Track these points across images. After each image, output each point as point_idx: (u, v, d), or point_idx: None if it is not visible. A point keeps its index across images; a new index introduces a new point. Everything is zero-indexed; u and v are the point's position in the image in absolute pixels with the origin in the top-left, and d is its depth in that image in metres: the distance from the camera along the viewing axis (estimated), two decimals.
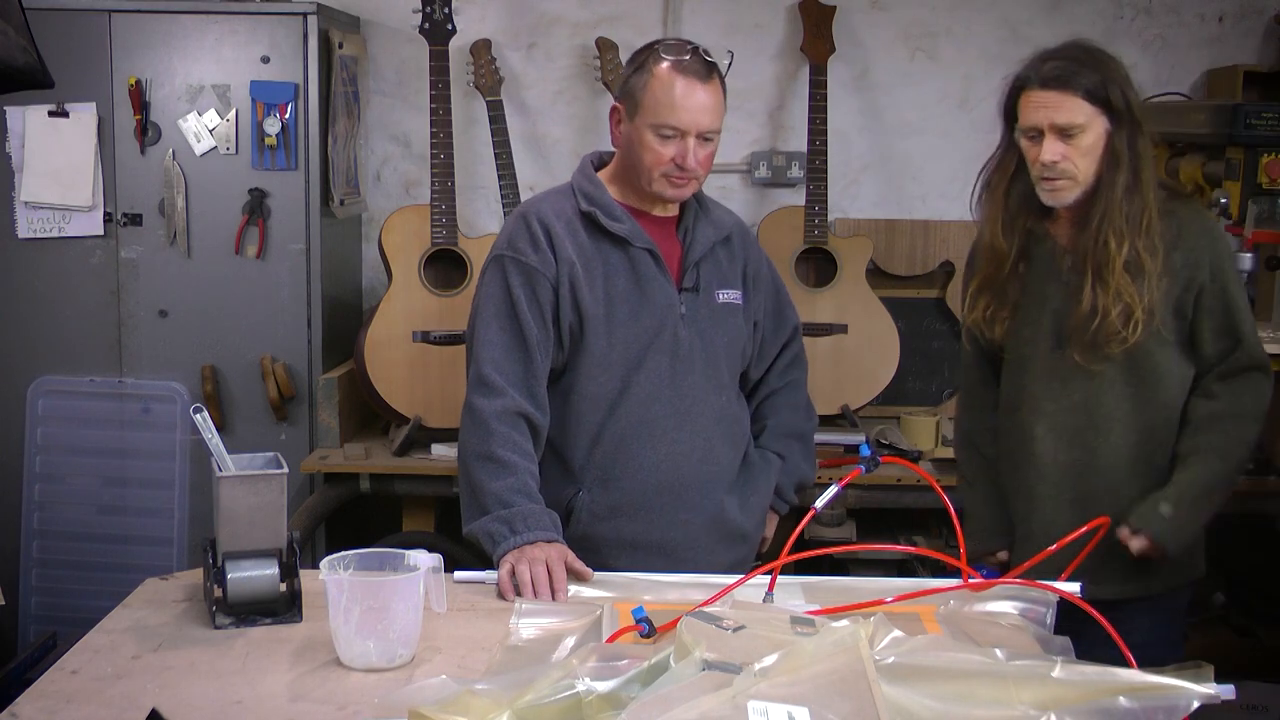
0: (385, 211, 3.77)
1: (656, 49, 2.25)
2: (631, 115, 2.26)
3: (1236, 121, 2.99)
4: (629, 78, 2.28)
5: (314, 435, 3.51)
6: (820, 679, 1.41)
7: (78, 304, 3.51)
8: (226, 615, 1.90)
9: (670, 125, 2.21)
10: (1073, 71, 2.23)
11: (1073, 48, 2.29)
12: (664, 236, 2.35)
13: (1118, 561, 2.28)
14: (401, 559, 1.83)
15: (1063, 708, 1.44)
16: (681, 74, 2.21)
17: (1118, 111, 2.24)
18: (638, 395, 2.29)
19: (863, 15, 3.79)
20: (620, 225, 2.30)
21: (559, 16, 3.81)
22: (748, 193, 3.87)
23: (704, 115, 2.22)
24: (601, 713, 1.45)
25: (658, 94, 2.22)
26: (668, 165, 2.24)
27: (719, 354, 2.36)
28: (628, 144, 2.28)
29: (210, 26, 3.43)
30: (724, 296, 2.37)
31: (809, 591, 1.96)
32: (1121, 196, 2.25)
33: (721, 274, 2.39)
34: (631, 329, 2.29)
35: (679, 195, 2.29)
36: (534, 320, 2.26)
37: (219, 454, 1.96)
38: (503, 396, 2.23)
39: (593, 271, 2.28)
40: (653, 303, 2.30)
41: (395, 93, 3.86)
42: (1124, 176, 2.24)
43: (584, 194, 2.32)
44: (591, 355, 2.28)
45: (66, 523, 3.58)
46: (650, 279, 2.30)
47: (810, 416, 2.56)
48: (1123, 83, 2.26)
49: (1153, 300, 2.27)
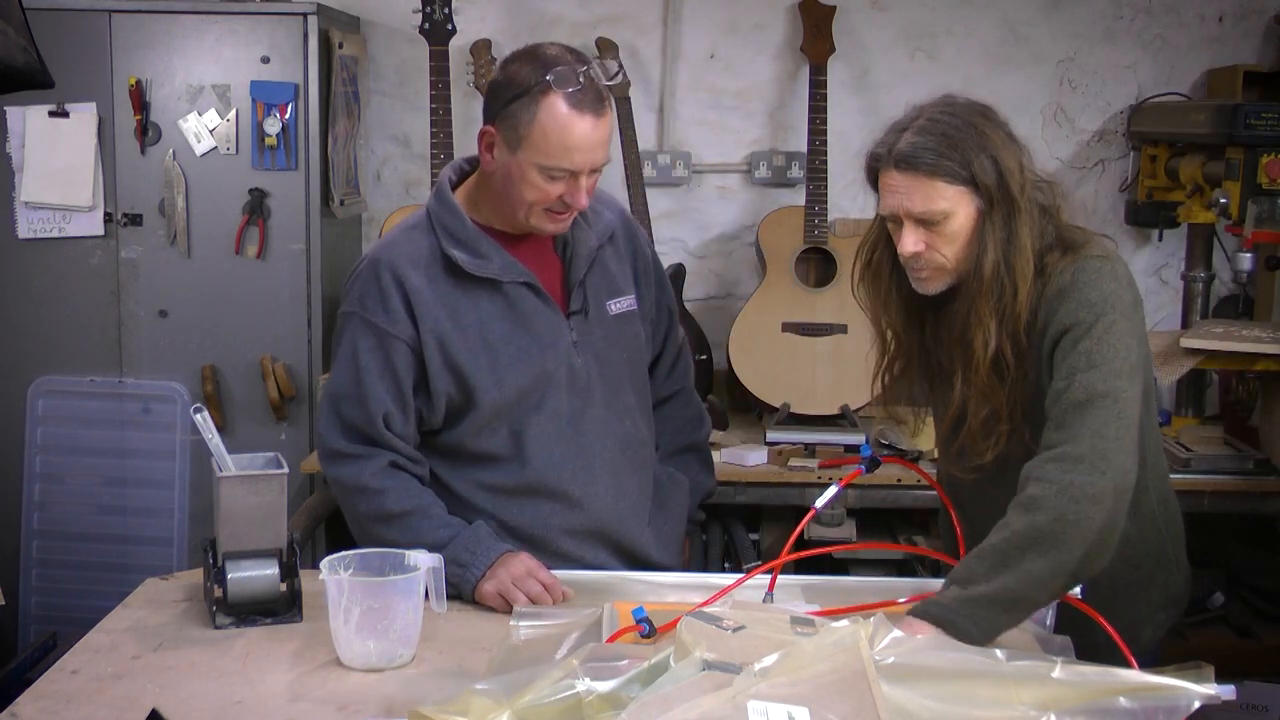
0: (385, 211, 3.77)
1: (546, 78, 1.95)
2: (512, 147, 1.99)
3: (1236, 121, 2.99)
4: (510, 102, 1.98)
5: (314, 435, 3.51)
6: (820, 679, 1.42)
7: (78, 304, 3.51)
8: (226, 615, 1.90)
9: (562, 168, 1.97)
10: (929, 149, 1.88)
11: (936, 114, 1.93)
12: (540, 257, 2.13)
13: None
14: (401, 559, 1.83)
15: (1063, 708, 1.44)
16: (576, 110, 1.95)
17: (988, 189, 1.88)
18: (537, 441, 2.10)
19: (863, 15, 3.79)
20: (487, 264, 2.06)
21: (559, 16, 3.80)
22: (748, 193, 3.87)
23: (598, 152, 2.00)
24: (601, 713, 1.45)
25: (549, 132, 1.95)
26: (554, 202, 2.01)
27: (621, 376, 2.18)
28: (504, 176, 2.02)
29: (210, 26, 3.42)
30: (616, 307, 2.18)
31: (809, 592, 1.96)
32: (988, 285, 1.90)
33: (610, 282, 2.18)
34: (522, 374, 2.07)
35: (560, 229, 2.08)
36: (386, 393, 2.05)
37: (219, 454, 1.96)
38: (366, 460, 2.06)
39: (464, 322, 2.06)
40: (540, 340, 2.08)
41: (395, 93, 3.86)
42: (990, 261, 1.89)
43: (444, 230, 2.07)
44: (481, 411, 2.08)
45: (66, 523, 3.57)
46: (532, 314, 2.08)
47: (704, 423, 2.40)
48: (997, 149, 1.90)
49: (1015, 402, 1.94)
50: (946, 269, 1.94)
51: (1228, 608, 3.59)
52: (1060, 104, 3.81)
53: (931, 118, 1.92)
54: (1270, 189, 2.99)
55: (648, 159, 3.78)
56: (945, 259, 1.93)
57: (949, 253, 1.92)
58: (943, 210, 1.89)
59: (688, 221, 3.88)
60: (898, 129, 1.94)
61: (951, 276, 1.95)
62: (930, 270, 1.94)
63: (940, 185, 1.88)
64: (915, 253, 1.92)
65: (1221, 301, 3.67)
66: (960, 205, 1.90)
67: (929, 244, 1.92)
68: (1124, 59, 3.80)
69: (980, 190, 1.89)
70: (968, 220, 1.91)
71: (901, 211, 1.91)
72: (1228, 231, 3.26)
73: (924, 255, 1.92)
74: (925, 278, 1.96)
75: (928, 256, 1.93)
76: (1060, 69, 3.80)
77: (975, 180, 1.89)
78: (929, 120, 1.92)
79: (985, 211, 1.90)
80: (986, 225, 1.90)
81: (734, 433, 3.54)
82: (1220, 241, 3.50)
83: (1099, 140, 3.83)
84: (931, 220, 1.90)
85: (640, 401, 2.25)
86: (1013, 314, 1.91)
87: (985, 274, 1.90)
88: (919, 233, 1.91)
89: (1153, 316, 3.87)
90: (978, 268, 1.91)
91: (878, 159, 1.95)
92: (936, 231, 1.91)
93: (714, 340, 3.69)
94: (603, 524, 2.16)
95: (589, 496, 2.14)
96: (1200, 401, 3.58)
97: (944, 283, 1.96)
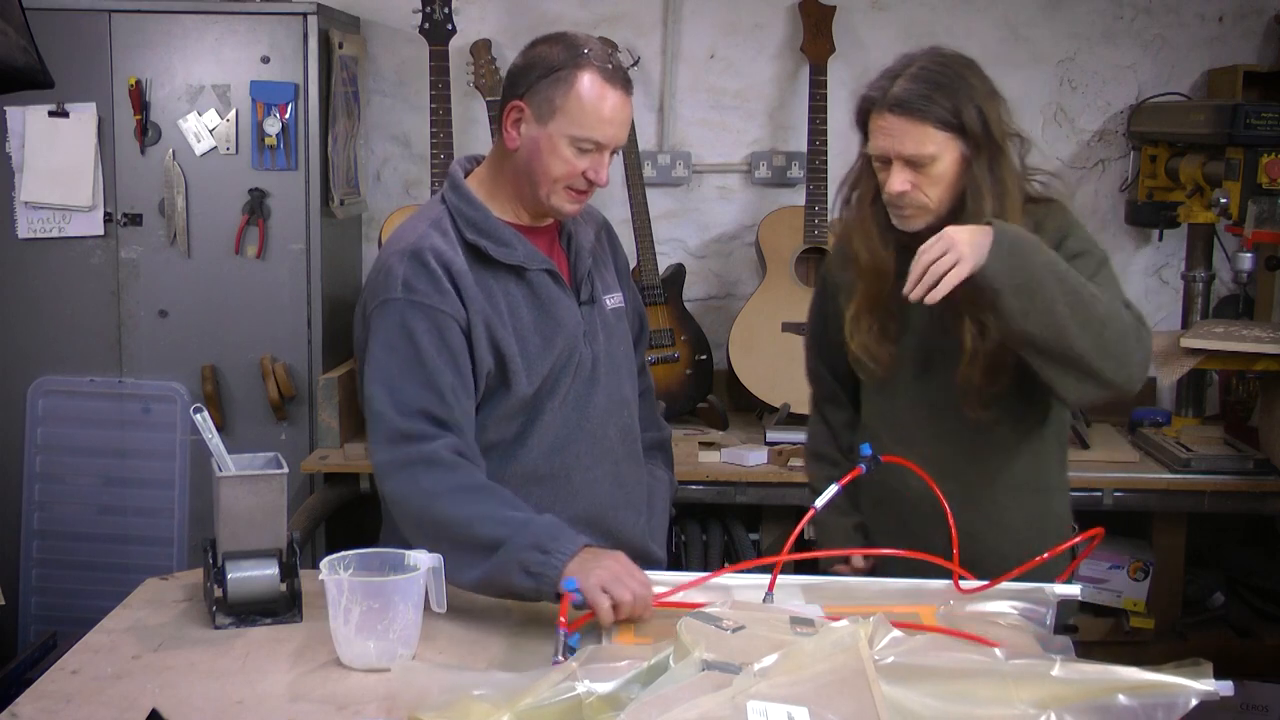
0: (385, 211, 3.77)
1: (581, 51, 2.03)
2: (544, 119, 2.03)
3: (1236, 121, 2.99)
4: (541, 78, 2.03)
5: (314, 435, 3.51)
6: (820, 679, 1.42)
7: (78, 304, 3.51)
8: (226, 615, 1.90)
9: (593, 139, 2.02)
10: (922, 96, 2.03)
11: (927, 63, 2.07)
12: (550, 249, 2.16)
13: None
14: (401, 559, 1.83)
15: (1062, 706, 1.44)
16: (611, 84, 2.03)
17: (974, 136, 2.04)
18: (546, 427, 2.11)
19: (863, 15, 3.79)
20: (512, 252, 2.08)
21: (559, 16, 3.80)
22: (748, 193, 3.87)
23: (624, 130, 2.07)
24: (602, 714, 1.46)
25: (585, 103, 2.01)
26: (577, 179, 2.05)
27: (621, 368, 2.21)
28: (531, 149, 2.05)
29: (210, 26, 3.43)
30: (611, 301, 2.22)
31: (809, 591, 1.96)
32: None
33: (604, 278, 2.23)
34: (547, 361, 2.09)
35: (575, 211, 2.11)
36: (452, 372, 2.01)
37: (219, 454, 1.96)
38: (438, 438, 1.99)
39: (499, 308, 2.07)
40: (563, 327, 2.11)
41: (395, 93, 3.86)
42: (989, 205, 2.05)
43: (465, 220, 2.09)
44: (513, 396, 2.08)
45: (66, 523, 3.57)
46: (554, 301, 2.11)
47: (665, 424, 2.43)
48: (982, 99, 2.05)
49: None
50: (929, 208, 2.09)
51: (1228, 608, 3.59)
52: (1060, 104, 3.81)
53: (924, 66, 2.07)
54: (1270, 189, 2.99)
55: (648, 159, 3.78)
56: (929, 199, 2.08)
57: (933, 194, 2.07)
58: (931, 153, 2.04)
59: (688, 221, 3.88)
60: (891, 75, 2.08)
61: (932, 216, 2.09)
62: (914, 209, 2.09)
63: (930, 130, 2.03)
64: (902, 191, 2.07)
65: (1221, 301, 3.67)
66: (947, 150, 2.05)
67: (915, 184, 2.06)
68: (1124, 59, 3.80)
69: (967, 136, 2.05)
70: (953, 164, 2.06)
71: (892, 153, 2.06)
72: (1228, 231, 3.26)
73: (909, 194, 2.07)
74: (909, 215, 2.10)
75: (913, 196, 2.07)
76: (1060, 69, 3.80)
77: (964, 127, 2.04)
78: (921, 69, 2.06)
79: (970, 157, 2.06)
80: (974, 170, 2.06)
81: (734, 433, 3.54)
82: (1220, 241, 3.50)
83: (1099, 140, 3.83)
84: (920, 162, 2.05)
85: (634, 394, 2.28)
86: None
87: (984, 215, 2.04)
88: (907, 173, 2.06)
89: (1153, 316, 3.87)
90: (973, 212, 2.05)
91: (872, 101, 2.08)
92: (924, 173, 2.06)
93: (714, 340, 3.69)
94: (599, 512, 2.16)
95: (587, 484, 2.15)
96: (1200, 401, 3.59)
97: (925, 221, 2.09)
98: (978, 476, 2.20)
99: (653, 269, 3.61)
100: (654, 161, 3.80)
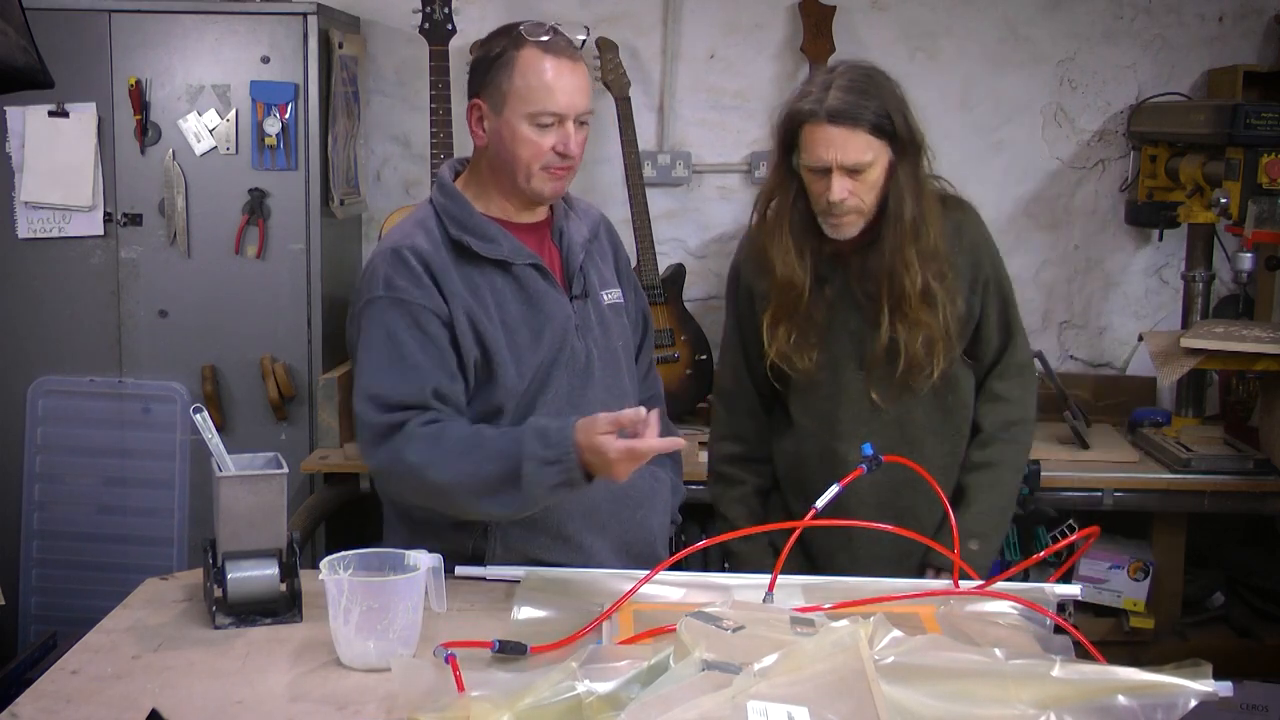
0: (385, 211, 3.77)
1: (516, 32, 2.06)
2: (498, 108, 2.06)
3: (1236, 121, 2.99)
4: (487, 70, 2.07)
5: (314, 435, 3.51)
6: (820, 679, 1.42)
7: (78, 304, 3.51)
8: (226, 615, 1.90)
9: (549, 111, 2.03)
10: (858, 105, 2.14)
11: (852, 74, 2.18)
12: (540, 244, 2.17)
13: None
14: (401, 559, 1.83)
15: (1062, 706, 1.45)
16: (551, 54, 2.05)
17: (902, 141, 2.17)
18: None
19: (863, 15, 3.79)
20: (497, 247, 2.09)
21: (559, 16, 3.78)
22: (748, 193, 3.86)
23: (579, 96, 2.06)
24: (602, 714, 1.46)
25: (529, 79, 2.03)
26: (548, 156, 2.05)
27: (618, 360, 2.21)
28: (496, 142, 2.08)
29: (210, 26, 3.43)
30: (608, 297, 2.22)
31: (809, 591, 1.96)
32: (909, 230, 2.20)
33: (601, 274, 2.23)
34: (535, 355, 2.10)
35: (559, 189, 2.11)
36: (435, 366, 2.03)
37: (219, 454, 1.96)
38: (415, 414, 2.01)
39: (484, 302, 2.08)
40: (552, 320, 2.11)
41: (395, 93, 3.86)
42: (910, 208, 2.19)
43: (450, 218, 2.11)
44: (499, 389, 2.09)
45: (66, 523, 3.57)
46: (542, 295, 2.11)
47: (676, 430, 2.42)
48: (902, 106, 2.19)
49: (948, 323, 2.25)
50: (863, 212, 2.20)
51: (1227, 608, 3.59)
52: (1060, 104, 3.81)
53: (850, 78, 2.18)
54: (1270, 189, 2.99)
55: (648, 159, 3.78)
56: (863, 204, 2.19)
57: (869, 199, 2.19)
58: (869, 160, 2.15)
59: (688, 221, 3.88)
60: (821, 87, 2.17)
61: (864, 220, 2.21)
62: (851, 215, 2.20)
63: (867, 137, 2.14)
64: (841, 199, 2.16)
65: (1221, 301, 3.67)
66: (881, 155, 2.17)
67: (852, 191, 2.17)
68: (1124, 59, 3.80)
69: (895, 141, 2.17)
70: (883, 169, 2.18)
71: (835, 162, 2.15)
72: (1228, 231, 3.26)
73: (848, 201, 2.17)
74: (846, 222, 2.21)
75: (851, 203, 2.18)
76: (1060, 69, 3.80)
77: (894, 132, 2.16)
78: (849, 80, 2.17)
79: (896, 161, 2.18)
80: (900, 173, 2.18)
81: None
82: (1220, 241, 3.50)
83: (1099, 140, 3.83)
84: (858, 169, 2.15)
85: (634, 389, 2.27)
86: (930, 250, 2.21)
87: (906, 218, 2.18)
88: (846, 181, 2.16)
89: (1153, 316, 3.88)
90: (897, 214, 2.19)
91: (806, 114, 2.17)
92: (860, 179, 2.16)
93: (714, 340, 3.68)
94: (596, 507, 2.16)
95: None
96: (1200, 401, 3.58)
97: (858, 227, 2.22)
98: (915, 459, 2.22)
99: (653, 269, 3.61)
100: (654, 161, 3.80)
